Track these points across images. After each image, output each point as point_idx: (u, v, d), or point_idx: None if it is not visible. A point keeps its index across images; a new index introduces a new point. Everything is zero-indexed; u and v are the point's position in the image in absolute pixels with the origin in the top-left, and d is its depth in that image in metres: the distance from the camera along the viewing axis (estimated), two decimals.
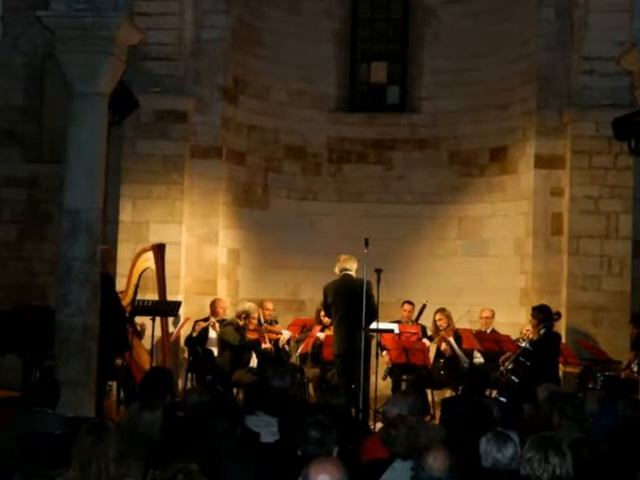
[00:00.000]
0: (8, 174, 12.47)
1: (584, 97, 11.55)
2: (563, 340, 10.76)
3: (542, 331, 10.01)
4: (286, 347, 11.33)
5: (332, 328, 10.35)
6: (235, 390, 10.72)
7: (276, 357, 10.92)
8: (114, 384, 10.52)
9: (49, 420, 6.08)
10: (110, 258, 10.02)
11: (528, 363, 9.87)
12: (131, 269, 10.74)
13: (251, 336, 10.73)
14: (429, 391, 10.63)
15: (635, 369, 10.33)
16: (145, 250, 10.92)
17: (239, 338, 10.54)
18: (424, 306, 11.33)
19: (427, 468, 4.61)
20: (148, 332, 10.64)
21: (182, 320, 11.45)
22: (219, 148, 12.21)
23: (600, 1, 11.27)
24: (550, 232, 11.84)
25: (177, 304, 11.00)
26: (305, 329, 11.48)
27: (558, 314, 10.52)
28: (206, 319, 11.29)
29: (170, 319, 11.25)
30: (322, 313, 10.93)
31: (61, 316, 8.60)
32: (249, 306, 10.91)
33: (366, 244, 9.42)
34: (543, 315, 10.07)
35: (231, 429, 5.64)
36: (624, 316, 11.24)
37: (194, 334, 11.24)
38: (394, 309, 11.64)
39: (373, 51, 13.63)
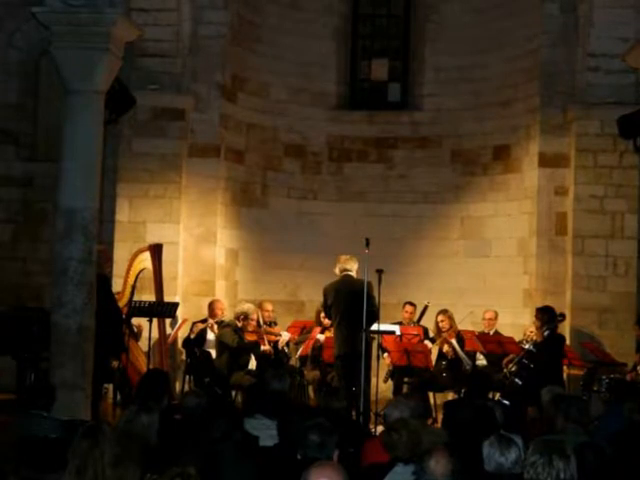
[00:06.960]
0: (2, 173, 12.39)
1: (589, 94, 11.48)
2: (567, 342, 10.71)
3: (546, 333, 9.99)
4: (285, 349, 11.26)
5: (332, 330, 10.28)
6: (233, 393, 10.67)
7: (275, 359, 10.82)
8: (110, 386, 10.50)
9: (44, 423, 6.03)
10: (106, 258, 9.93)
11: (532, 365, 9.84)
12: (128, 270, 10.66)
13: (250, 338, 10.67)
14: (431, 394, 10.62)
15: None
16: (142, 250, 10.86)
17: (237, 340, 10.47)
18: (426, 307, 11.28)
19: (429, 472, 4.58)
20: (145, 334, 10.56)
21: (179, 321, 11.42)
22: (217, 146, 12.13)
23: None
24: (554, 232, 11.78)
25: (174, 305, 10.92)
26: (305, 331, 11.44)
27: (562, 315, 10.49)
28: (204, 320, 11.22)
29: (167, 320, 11.21)
30: (322, 314, 10.91)
31: (56, 317, 8.55)
32: (248, 307, 10.83)
33: (367, 244, 9.36)
34: (547, 316, 10.06)
35: (229, 432, 5.56)
36: (630, 317, 11.15)
37: (192, 336, 11.18)
38: (395, 310, 11.61)
39: (374, 48, 13.61)
